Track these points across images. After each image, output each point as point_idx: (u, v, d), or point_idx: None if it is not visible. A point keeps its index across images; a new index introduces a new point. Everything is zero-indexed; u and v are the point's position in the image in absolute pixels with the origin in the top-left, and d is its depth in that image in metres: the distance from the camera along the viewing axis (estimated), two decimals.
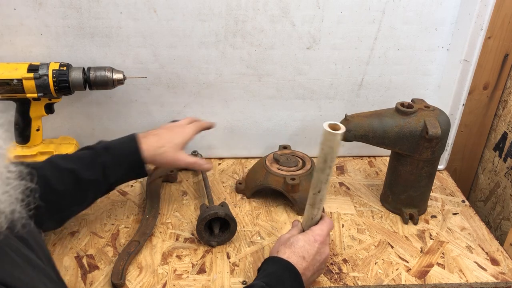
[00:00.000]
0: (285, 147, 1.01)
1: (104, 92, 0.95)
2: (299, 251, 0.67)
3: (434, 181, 0.93)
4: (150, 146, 0.77)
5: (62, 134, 0.99)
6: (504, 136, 1.05)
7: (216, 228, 0.80)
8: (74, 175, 0.71)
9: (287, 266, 0.65)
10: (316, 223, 0.72)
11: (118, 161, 0.75)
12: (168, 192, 0.96)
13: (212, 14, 0.89)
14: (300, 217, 0.89)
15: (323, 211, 0.88)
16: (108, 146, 0.75)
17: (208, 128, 0.90)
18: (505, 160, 1.04)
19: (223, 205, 0.82)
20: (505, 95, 1.06)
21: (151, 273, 0.75)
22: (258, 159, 0.99)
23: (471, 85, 0.99)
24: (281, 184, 0.89)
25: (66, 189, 0.70)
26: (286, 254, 0.67)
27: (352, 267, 0.78)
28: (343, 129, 0.61)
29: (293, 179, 0.88)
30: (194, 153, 1.02)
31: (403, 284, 0.75)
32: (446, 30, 0.95)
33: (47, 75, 0.83)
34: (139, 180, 0.99)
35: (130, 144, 0.76)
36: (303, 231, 0.72)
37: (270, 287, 0.61)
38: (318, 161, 0.65)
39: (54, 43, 0.89)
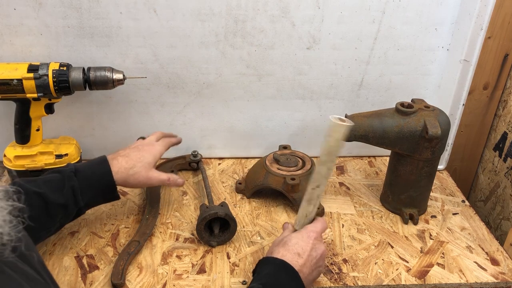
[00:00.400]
0: (285, 147, 1.01)
1: (104, 92, 0.95)
2: (293, 248, 0.66)
3: (434, 181, 0.93)
4: (120, 168, 0.75)
5: (62, 134, 0.99)
6: (504, 136, 1.05)
7: (216, 228, 0.80)
8: (42, 199, 0.68)
9: (283, 265, 0.64)
10: (310, 221, 0.72)
11: (88, 185, 0.73)
12: (168, 192, 0.96)
13: (212, 14, 0.89)
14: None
15: (323, 212, 0.88)
16: (77, 170, 0.73)
17: (177, 144, 0.90)
18: (505, 160, 1.04)
19: (223, 205, 0.82)
20: (505, 95, 1.06)
21: (151, 273, 0.75)
22: (258, 159, 0.99)
23: (471, 85, 0.99)
24: (281, 184, 0.89)
25: (33, 214, 0.66)
26: (280, 253, 0.66)
27: (352, 267, 0.78)
28: (350, 122, 0.61)
29: (293, 179, 0.88)
30: (194, 153, 1.02)
31: (403, 284, 0.75)
32: (446, 30, 0.95)
33: (47, 75, 0.83)
34: None
35: (100, 167, 0.75)
36: (295, 231, 0.71)
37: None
38: (321, 154, 0.64)
39: (54, 43, 0.89)
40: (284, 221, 0.88)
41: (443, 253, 0.81)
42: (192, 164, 1.02)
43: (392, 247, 0.82)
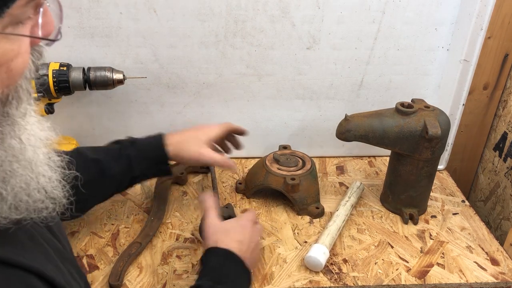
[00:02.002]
0: (285, 147, 1.01)
1: (104, 92, 0.95)
2: (236, 236, 0.67)
3: (434, 181, 0.93)
4: (173, 141, 0.78)
5: (62, 134, 0.99)
6: (504, 136, 1.05)
7: None
8: (99, 166, 0.73)
9: (230, 256, 0.64)
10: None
11: (142, 155, 0.76)
12: (168, 192, 0.96)
13: (212, 14, 0.89)
14: (298, 216, 0.89)
15: (323, 212, 0.89)
16: (134, 141, 0.78)
17: (240, 132, 0.88)
18: (505, 160, 1.04)
19: (228, 206, 0.82)
20: (505, 95, 1.06)
21: (151, 273, 0.75)
22: (258, 159, 0.99)
23: (471, 85, 0.99)
24: (281, 184, 0.88)
25: (91, 179, 0.70)
26: (225, 243, 0.65)
27: (352, 267, 0.78)
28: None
29: (293, 179, 0.87)
30: None
31: (403, 284, 0.75)
32: (446, 30, 0.95)
33: (47, 75, 0.83)
34: None
35: (156, 139, 0.78)
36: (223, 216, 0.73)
37: (219, 284, 0.60)
38: None
39: (54, 43, 0.89)
40: (284, 221, 0.88)
41: (443, 253, 0.81)
42: (203, 167, 1.01)
43: (392, 247, 0.82)
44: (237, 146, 0.90)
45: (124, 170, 0.75)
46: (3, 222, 0.39)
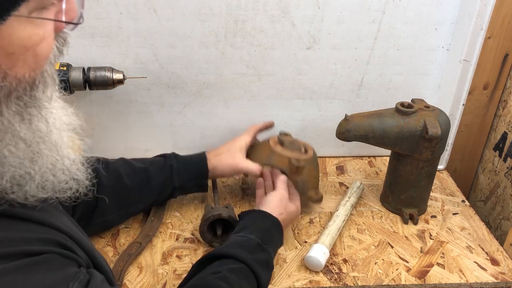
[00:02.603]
0: (286, 134, 0.94)
1: (104, 92, 0.95)
2: (288, 219, 0.77)
3: (434, 181, 0.93)
4: (210, 155, 0.85)
5: None
6: (504, 136, 1.05)
7: (219, 229, 0.80)
8: (145, 174, 0.79)
9: (277, 225, 0.72)
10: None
11: (184, 167, 0.82)
12: None
13: (212, 14, 0.89)
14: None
15: (321, 199, 0.90)
16: (178, 155, 0.84)
17: (265, 127, 0.94)
18: (505, 160, 1.04)
19: (228, 207, 0.82)
20: (505, 95, 1.06)
21: (151, 273, 0.75)
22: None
23: (471, 85, 0.99)
24: (286, 164, 0.85)
25: (136, 186, 0.77)
26: (285, 221, 0.75)
27: (352, 267, 0.78)
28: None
29: (298, 161, 0.84)
30: None
31: (403, 284, 0.75)
32: (446, 30, 0.95)
33: None
34: None
35: (197, 155, 0.85)
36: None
37: (264, 244, 0.66)
38: None
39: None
40: None
41: (443, 253, 0.81)
42: None
43: (392, 247, 0.83)
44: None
45: (166, 180, 0.80)
46: (31, 199, 0.42)
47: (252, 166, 0.84)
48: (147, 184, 0.79)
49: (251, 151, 0.91)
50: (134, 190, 0.77)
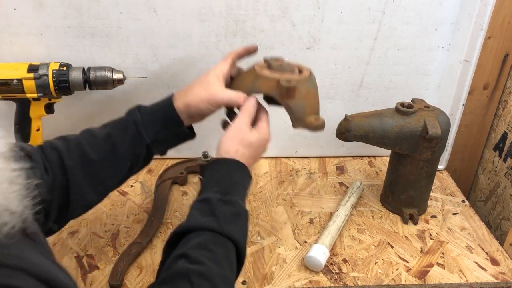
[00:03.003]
0: (277, 60, 0.75)
1: (104, 92, 0.95)
2: (255, 153, 0.67)
3: (434, 181, 0.93)
4: (180, 93, 0.70)
5: (62, 134, 0.98)
6: (504, 136, 1.05)
7: None
8: (109, 141, 0.67)
9: (234, 164, 0.64)
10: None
11: (151, 118, 0.69)
12: (168, 192, 0.96)
13: (212, 14, 0.89)
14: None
15: (324, 124, 0.75)
16: (141, 106, 0.71)
17: (249, 51, 0.76)
18: (505, 160, 1.04)
19: None
20: (505, 95, 1.06)
21: (151, 273, 0.75)
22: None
23: (471, 85, 0.99)
24: (274, 88, 0.70)
25: (103, 157, 0.66)
26: (245, 156, 0.65)
27: (352, 267, 0.78)
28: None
29: (288, 81, 0.69)
30: (205, 154, 1.00)
31: (403, 284, 0.75)
32: (446, 30, 0.95)
33: (47, 75, 0.83)
34: (141, 180, 0.99)
35: (164, 99, 0.71)
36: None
37: (225, 195, 0.60)
38: None
39: (54, 43, 0.89)
40: (284, 221, 0.88)
41: (443, 253, 0.81)
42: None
43: (392, 247, 0.83)
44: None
45: (134, 139, 0.68)
46: None
47: (232, 94, 0.69)
48: (113, 150, 0.67)
49: (234, 82, 0.75)
50: (102, 162, 0.66)
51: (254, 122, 0.70)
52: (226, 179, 0.62)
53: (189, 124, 0.72)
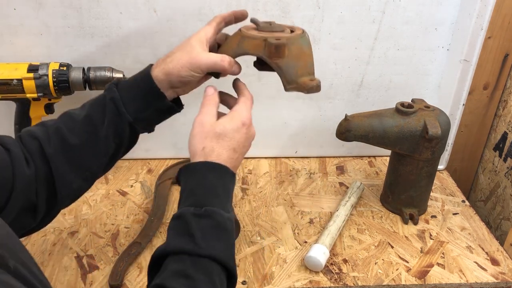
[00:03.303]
0: (267, 22, 0.68)
1: None
2: (229, 144, 0.58)
3: (434, 181, 0.93)
4: (158, 62, 0.63)
5: None
6: (504, 136, 1.05)
7: None
8: (89, 122, 0.61)
9: (219, 170, 0.56)
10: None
11: (130, 94, 0.62)
12: (168, 192, 0.96)
13: (212, 14, 0.89)
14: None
15: (319, 86, 0.67)
16: (119, 81, 0.63)
17: (236, 17, 0.68)
18: (505, 160, 1.04)
19: None
20: (505, 95, 1.06)
21: None
22: (256, 159, 0.97)
23: (471, 85, 0.99)
24: (261, 47, 0.64)
25: (83, 140, 0.60)
26: (216, 152, 0.57)
27: (352, 267, 0.78)
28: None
29: (278, 39, 0.63)
30: None
31: (403, 284, 0.75)
32: (446, 30, 0.95)
33: (47, 75, 0.83)
34: (141, 180, 0.99)
35: (142, 71, 0.64)
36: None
37: (200, 206, 0.53)
38: None
39: (54, 43, 0.89)
40: (284, 221, 0.88)
41: (443, 253, 0.81)
42: None
43: (392, 247, 0.82)
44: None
45: (115, 118, 0.61)
46: None
47: (216, 58, 0.62)
48: (94, 132, 0.61)
49: (220, 48, 0.69)
50: (83, 146, 0.60)
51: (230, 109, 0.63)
52: (199, 188, 0.55)
53: (173, 96, 0.65)
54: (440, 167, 1.06)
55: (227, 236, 0.53)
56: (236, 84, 0.67)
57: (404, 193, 0.88)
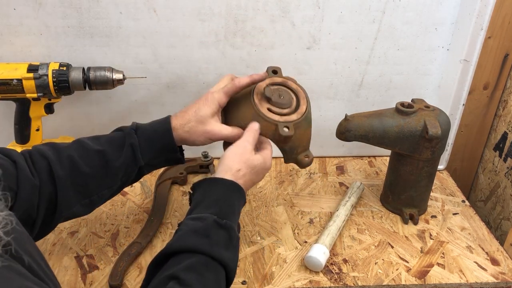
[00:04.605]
0: (275, 72, 0.79)
1: (104, 92, 0.95)
2: (255, 178, 0.68)
3: (434, 181, 0.93)
4: (176, 125, 0.70)
5: (62, 134, 0.99)
6: (504, 136, 1.05)
7: None
8: (102, 157, 0.67)
9: (233, 186, 0.64)
10: None
11: (148, 144, 0.69)
12: (168, 192, 0.96)
13: (212, 14, 0.89)
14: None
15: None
16: (138, 127, 0.70)
17: (249, 83, 0.73)
18: (505, 160, 1.04)
19: None
20: (505, 95, 1.06)
21: None
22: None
23: (471, 85, 0.99)
24: (272, 131, 0.72)
25: (94, 171, 0.66)
26: (246, 178, 0.66)
27: (352, 267, 0.78)
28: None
29: (286, 127, 0.71)
30: (204, 154, 1.00)
31: (403, 284, 0.75)
32: (446, 30, 0.95)
33: (47, 75, 0.83)
34: (141, 180, 0.98)
35: (161, 125, 0.71)
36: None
37: (222, 218, 0.59)
38: None
39: (54, 43, 0.89)
40: (284, 221, 0.88)
41: (443, 253, 0.81)
42: (203, 167, 1.00)
43: (392, 247, 0.82)
44: None
45: (129, 161, 0.68)
46: None
47: (229, 132, 0.71)
48: (106, 167, 0.67)
49: (231, 107, 0.75)
50: (92, 176, 0.66)
51: (257, 148, 0.71)
52: (224, 201, 0.62)
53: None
54: (440, 167, 1.06)
55: (234, 251, 0.59)
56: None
57: (404, 193, 0.88)
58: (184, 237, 0.57)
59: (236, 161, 0.66)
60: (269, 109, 0.73)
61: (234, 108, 0.75)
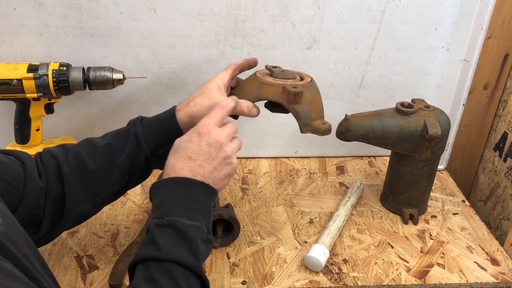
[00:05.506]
0: (275, 66, 0.80)
1: (104, 92, 0.95)
2: (183, 154, 0.60)
3: (434, 181, 0.93)
4: (181, 105, 0.70)
5: (62, 134, 0.99)
6: (504, 136, 1.05)
7: (219, 229, 0.80)
8: (108, 151, 0.66)
9: (173, 182, 0.58)
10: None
11: (152, 131, 0.68)
12: None
13: (212, 14, 0.89)
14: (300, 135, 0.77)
15: (330, 129, 0.76)
16: (144, 117, 0.70)
17: (249, 64, 0.77)
18: (505, 160, 1.04)
19: (228, 207, 0.82)
20: (505, 95, 1.06)
21: None
22: (256, 159, 0.97)
23: (471, 85, 0.99)
24: (280, 94, 0.72)
25: (100, 166, 0.65)
26: (176, 166, 0.59)
27: (352, 267, 0.78)
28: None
29: (294, 87, 0.71)
30: None
31: (403, 284, 0.75)
32: (446, 30, 0.95)
33: (47, 75, 0.83)
34: None
35: (166, 112, 0.70)
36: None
37: (168, 216, 0.55)
38: None
39: (54, 43, 0.89)
40: (284, 221, 0.88)
41: (443, 253, 0.81)
42: None
43: (392, 247, 0.82)
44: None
45: (134, 150, 0.66)
46: None
47: (235, 103, 0.68)
48: (112, 161, 0.66)
49: (236, 90, 0.77)
50: (99, 172, 0.65)
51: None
52: (165, 201, 0.58)
53: None
54: (440, 167, 1.06)
55: (190, 242, 0.54)
56: None
57: (404, 193, 0.88)
58: (136, 251, 0.56)
59: (183, 151, 0.61)
60: (274, 80, 0.73)
61: (239, 90, 0.76)
